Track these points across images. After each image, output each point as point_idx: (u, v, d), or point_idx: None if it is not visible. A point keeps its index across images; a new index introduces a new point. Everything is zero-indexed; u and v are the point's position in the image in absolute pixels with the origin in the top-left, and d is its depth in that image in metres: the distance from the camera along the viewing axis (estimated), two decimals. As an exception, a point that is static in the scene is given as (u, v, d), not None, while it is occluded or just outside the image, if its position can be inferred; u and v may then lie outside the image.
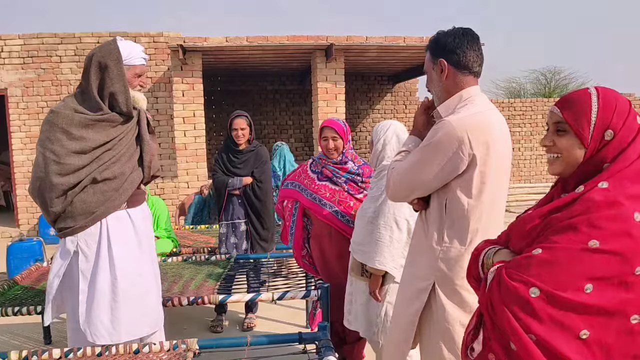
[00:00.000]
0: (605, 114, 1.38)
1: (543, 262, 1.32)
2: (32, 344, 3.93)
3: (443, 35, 1.94)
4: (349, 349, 3.21)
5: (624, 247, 1.26)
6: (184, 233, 5.38)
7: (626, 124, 1.38)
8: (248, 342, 2.24)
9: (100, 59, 2.34)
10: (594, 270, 1.27)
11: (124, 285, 2.37)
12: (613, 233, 1.27)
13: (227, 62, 9.02)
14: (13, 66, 8.17)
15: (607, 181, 1.34)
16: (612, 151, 1.37)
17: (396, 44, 8.06)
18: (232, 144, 4.06)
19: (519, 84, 21.84)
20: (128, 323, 2.38)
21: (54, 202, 2.30)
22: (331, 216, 3.12)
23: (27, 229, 8.37)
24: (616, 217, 1.28)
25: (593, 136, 1.38)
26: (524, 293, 1.31)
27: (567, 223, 1.33)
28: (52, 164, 2.26)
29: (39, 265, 3.99)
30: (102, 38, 8.21)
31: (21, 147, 8.28)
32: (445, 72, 1.92)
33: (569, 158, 1.43)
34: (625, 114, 1.38)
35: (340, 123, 3.15)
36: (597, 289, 1.26)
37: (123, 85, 2.35)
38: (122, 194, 2.40)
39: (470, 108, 1.87)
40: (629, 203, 1.29)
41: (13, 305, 3.05)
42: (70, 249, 2.36)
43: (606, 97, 1.39)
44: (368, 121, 11.98)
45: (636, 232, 1.26)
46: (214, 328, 4.10)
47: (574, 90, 1.49)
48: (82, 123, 2.30)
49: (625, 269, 1.26)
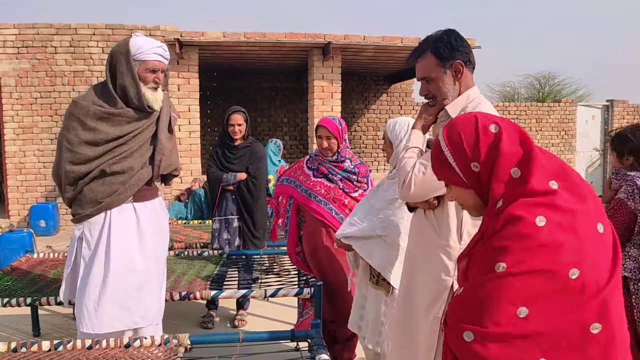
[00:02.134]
0: (458, 151, 1.33)
1: (467, 301, 1.26)
2: (20, 336, 3.89)
3: (448, 39, 1.91)
4: (340, 348, 3.20)
5: (539, 260, 1.16)
6: (176, 228, 5.36)
7: (478, 146, 1.30)
8: (240, 339, 2.23)
9: (113, 52, 2.44)
10: (517, 292, 1.16)
11: (116, 276, 2.39)
12: (518, 250, 1.17)
13: (223, 57, 8.99)
14: (7, 56, 8.08)
15: (502, 198, 1.26)
16: (485, 177, 1.30)
17: (393, 44, 8.07)
18: (228, 139, 4.03)
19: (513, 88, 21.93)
20: (112, 314, 2.39)
21: (66, 189, 2.42)
22: (325, 213, 3.10)
23: (18, 220, 8.30)
24: (516, 231, 1.19)
25: (465, 176, 1.33)
26: (460, 340, 1.23)
27: (476, 252, 1.29)
28: (66, 151, 2.38)
29: (29, 257, 3.95)
30: (97, 30, 8.15)
31: (13, 138, 8.21)
32: (461, 73, 1.91)
33: (468, 202, 1.39)
34: (475, 141, 1.31)
35: (336, 123, 3.14)
36: (533, 309, 1.16)
37: (132, 79, 2.40)
38: (129, 188, 2.45)
39: (484, 107, 1.87)
40: (524, 210, 1.19)
41: (2, 296, 3.02)
42: (76, 234, 2.48)
43: (450, 130, 1.36)
44: (363, 121, 11.98)
45: (545, 238, 1.16)
46: (204, 324, 4.07)
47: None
48: (97, 115, 2.38)
49: (555, 279, 1.15)
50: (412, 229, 2.10)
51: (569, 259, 1.16)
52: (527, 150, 1.28)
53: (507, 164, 1.27)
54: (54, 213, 8.03)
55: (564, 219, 1.18)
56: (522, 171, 1.26)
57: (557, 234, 1.17)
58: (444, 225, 1.89)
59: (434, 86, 1.95)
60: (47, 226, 7.91)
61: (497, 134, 1.30)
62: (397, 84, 11.90)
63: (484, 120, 1.33)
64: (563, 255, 1.16)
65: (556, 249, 1.16)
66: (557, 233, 1.17)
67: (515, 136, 1.30)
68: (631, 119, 11.89)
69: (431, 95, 1.98)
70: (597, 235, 1.21)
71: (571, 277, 1.15)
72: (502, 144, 1.28)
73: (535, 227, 1.17)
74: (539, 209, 1.19)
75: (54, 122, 8.19)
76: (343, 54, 8.34)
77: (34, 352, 2.14)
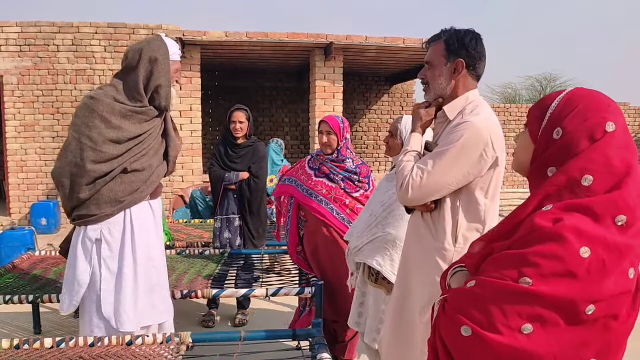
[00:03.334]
0: (560, 112, 1.22)
1: (475, 297, 1.20)
2: (22, 334, 3.90)
3: (464, 36, 1.91)
4: (340, 348, 3.21)
5: (565, 289, 1.11)
6: (177, 227, 5.36)
7: (582, 127, 1.18)
8: (242, 337, 2.24)
9: (151, 53, 2.41)
10: (530, 310, 1.13)
11: (146, 273, 2.44)
12: (550, 272, 1.12)
13: (225, 57, 8.99)
14: (9, 53, 8.09)
15: (554, 205, 1.17)
16: (556, 152, 1.21)
17: (395, 45, 8.07)
18: (231, 137, 4.04)
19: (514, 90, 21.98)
20: (149, 309, 2.46)
21: (83, 189, 2.32)
22: (326, 212, 3.11)
23: (19, 218, 8.30)
24: (555, 253, 1.11)
25: (542, 132, 1.25)
26: (456, 331, 1.21)
27: (503, 255, 1.21)
28: (88, 150, 2.30)
29: (30, 254, 3.96)
30: (100, 28, 8.16)
31: (15, 136, 8.21)
32: (459, 72, 1.91)
33: (521, 154, 1.33)
34: (584, 117, 1.18)
35: (337, 119, 3.15)
36: (539, 330, 1.13)
37: (168, 79, 2.44)
38: (150, 185, 2.47)
39: (482, 109, 1.88)
40: (575, 237, 1.11)
41: (4, 293, 3.02)
42: (92, 236, 2.37)
43: (574, 96, 1.23)
44: (364, 121, 11.99)
45: (581, 271, 1.10)
46: (205, 322, 4.08)
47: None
48: (122, 113, 2.35)
49: (572, 310, 1.12)
50: (408, 231, 2.10)
51: (592, 297, 1.12)
52: (625, 168, 1.16)
53: (590, 165, 1.17)
54: (55, 211, 8.03)
55: (608, 258, 1.12)
56: (597, 185, 1.16)
57: (595, 271, 1.11)
58: (439, 228, 1.90)
59: (431, 73, 1.97)
60: (48, 224, 7.92)
61: (610, 133, 1.17)
62: (399, 84, 11.90)
63: (616, 115, 1.19)
64: (591, 291, 1.12)
65: (587, 284, 1.11)
66: (596, 270, 1.11)
67: (625, 151, 1.17)
68: (632, 122, 11.89)
69: (426, 80, 2.00)
70: (627, 281, 1.16)
71: (587, 312, 1.13)
72: (606, 143, 1.17)
73: (578, 257, 1.11)
74: (591, 239, 1.12)
75: (56, 120, 8.19)
76: (345, 54, 8.34)
77: (36, 349, 2.15)
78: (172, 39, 2.63)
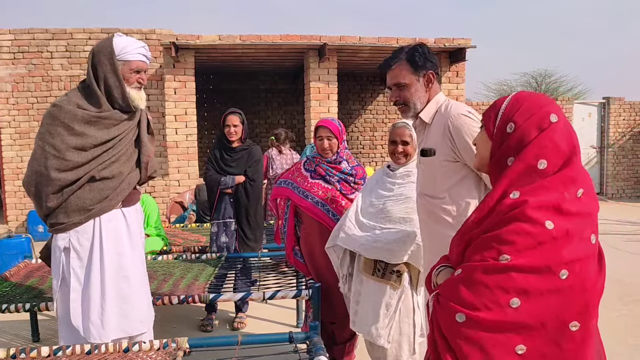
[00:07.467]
0: (510, 110, 1.42)
1: (464, 283, 1.33)
2: (20, 342, 3.89)
3: (423, 49, 2.12)
4: (339, 350, 3.21)
5: (539, 259, 1.27)
6: (174, 231, 5.36)
7: (530, 120, 1.37)
8: (239, 342, 2.23)
9: (95, 53, 2.34)
10: (514, 284, 1.27)
11: (114, 283, 2.37)
12: (524, 247, 1.28)
13: (219, 60, 8.99)
14: (3, 61, 8.08)
15: (519, 190, 1.34)
16: (511, 144, 1.39)
17: (389, 45, 8.08)
18: (225, 141, 4.03)
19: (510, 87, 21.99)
20: (116, 322, 2.37)
21: (50, 198, 2.28)
22: (322, 214, 3.11)
23: (16, 226, 8.28)
24: (526, 229, 1.29)
25: (497, 129, 1.43)
26: (451, 320, 1.32)
27: (481, 240, 1.36)
28: (52, 158, 2.25)
29: (27, 262, 3.96)
30: (93, 34, 8.15)
31: (10, 143, 8.20)
32: (432, 82, 2.13)
33: (481, 151, 1.50)
34: (531, 112, 1.38)
35: (336, 123, 3.15)
36: (525, 301, 1.27)
37: (116, 79, 2.33)
38: (120, 193, 2.39)
39: (455, 104, 2.11)
40: (539, 213, 1.29)
41: (1, 302, 3.02)
42: (61, 245, 2.35)
43: (520, 96, 1.44)
44: (360, 121, 11.99)
45: (547, 239, 1.28)
46: (203, 327, 4.08)
47: None
48: (85, 119, 2.29)
49: (549, 276, 1.27)
50: (423, 220, 2.27)
51: (562, 259, 1.28)
52: (571, 152, 1.36)
53: (543, 151, 1.35)
54: (52, 218, 8.01)
55: (571, 227, 1.30)
56: (550, 167, 1.34)
57: (560, 238, 1.28)
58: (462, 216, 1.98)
59: (406, 93, 2.12)
60: (44, 231, 7.87)
61: (554, 123, 1.37)
62: (394, 84, 11.89)
63: (557, 109, 1.40)
64: (561, 256, 1.28)
65: (556, 251, 1.28)
66: (561, 238, 1.28)
67: (568, 136, 1.37)
68: (627, 117, 11.91)
69: (402, 101, 2.14)
70: (589, 246, 1.33)
71: (561, 277, 1.27)
72: (552, 131, 1.36)
73: (545, 229, 1.28)
74: (553, 214, 1.30)
75: (51, 127, 8.17)
76: (339, 55, 8.35)
77: (33, 357, 2.14)
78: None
